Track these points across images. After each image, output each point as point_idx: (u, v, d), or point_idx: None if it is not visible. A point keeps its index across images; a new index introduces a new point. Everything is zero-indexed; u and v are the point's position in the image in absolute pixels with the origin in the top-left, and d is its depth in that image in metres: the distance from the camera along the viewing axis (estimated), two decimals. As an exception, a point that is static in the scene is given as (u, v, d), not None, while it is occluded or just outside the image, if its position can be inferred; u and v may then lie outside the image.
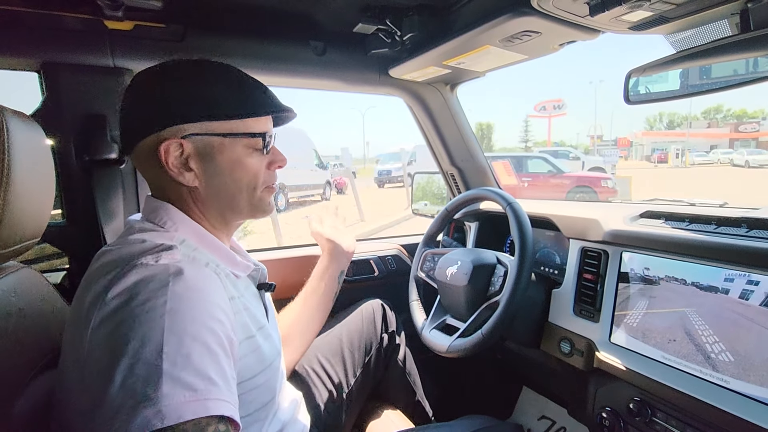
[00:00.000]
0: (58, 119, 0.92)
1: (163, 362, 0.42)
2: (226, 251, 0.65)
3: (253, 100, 0.64)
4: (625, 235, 0.89)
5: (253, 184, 0.65)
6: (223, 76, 0.63)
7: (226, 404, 0.45)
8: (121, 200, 0.98)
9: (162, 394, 0.41)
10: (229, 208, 0.65)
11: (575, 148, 21.96)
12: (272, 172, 0.69)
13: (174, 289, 0.48)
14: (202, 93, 0.61)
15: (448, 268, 1.03)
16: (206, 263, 0.60)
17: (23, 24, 0.87)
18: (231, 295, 0.60)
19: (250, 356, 0.62)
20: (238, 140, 0.62)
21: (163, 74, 0.62)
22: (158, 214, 0.62)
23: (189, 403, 0.42)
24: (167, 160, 0.59)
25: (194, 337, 0.46)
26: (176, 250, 0.55)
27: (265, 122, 0.66)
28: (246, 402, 0.62)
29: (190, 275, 0.51)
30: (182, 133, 0.59)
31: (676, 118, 63.79)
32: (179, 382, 0.42)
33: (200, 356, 0.45)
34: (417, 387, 1.14)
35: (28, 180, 0.60)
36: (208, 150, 0.61)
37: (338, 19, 1.06)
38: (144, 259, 0.51)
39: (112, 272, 0.50)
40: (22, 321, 0.61)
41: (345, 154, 8.85)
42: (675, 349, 0.77)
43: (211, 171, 0.62)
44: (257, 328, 0.65)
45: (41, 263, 1.62)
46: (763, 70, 0.72)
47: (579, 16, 0.78)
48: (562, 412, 1.33)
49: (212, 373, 0.45)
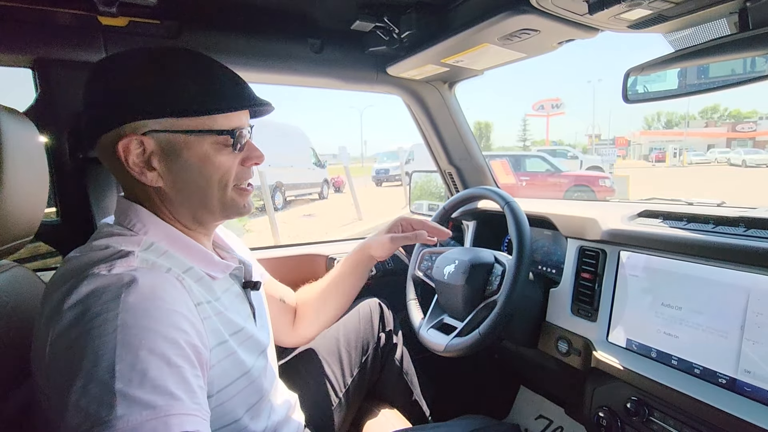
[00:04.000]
0: (51, 116, 0.91)
1: (116, 381, 0.40)
2: (201, 252, 0.62)
3: (223, 94, 0.59)
4: (623, 234, 0.89)
5: (223, 182, 0.61)
6: (190, 66, 0.59)
7: (191, 418, 0.43)
8: (115, 198, 0.97)
9: (116, 415, 0.39)
10: (200, 207, 0.61)
11: (573, 148, 22.00)
12: (247, 169, 0.64)
13: (127, 300, 0.45)
14: (164, 86, 0.56)
15: (446, 267, 1.03)
16: (168, 269, 0.56)
17: (16, 19, 0.86)
18: (198, 301, 0.57)
19: (225, 361, 0.59)
20: (206, 137, 0.58)
21: (124, 64, 0.58)
22: (128, 216, 0.59)
23: (147, 422, 0.40)
24: (127, 158, 0.56)
25: (151, 350, 0.44)
26: (133, 257, 0.53)
27: (238, 117, 0.61)
28: (230, 408, 0.60)
29: (145, 283, 0.48)
30: (143, 130, 0.55)
31: (674, 118, 64.02)
32: (135, 401, 0.40)
33: (158, 370, 0.43)
34: (414, 386, 1.13)
35: (21, 178, 0.59)
36: (172, 148, 0.57)
37: (335, 17, 1.05)
38: (96, 269, 0.49)
39: (68, 282, 0.48)
40: (14, 320, 0.60)
41: (343, 153, 8.77)
42: (673, 348, 0.77)
43: (177, 169, 0.58)
44: (231, 333, 0.62)
45: (35, 262, 1.61)
46: (761, 69, 0.72)
47: (578, 14, 0.78)
48: (559, 412, 1.33)
49: (173, 387, 0.43)
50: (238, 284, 0.70)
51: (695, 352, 0.74)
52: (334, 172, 14.74)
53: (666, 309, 0.79)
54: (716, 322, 0.72)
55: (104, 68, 0.58)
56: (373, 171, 17.17)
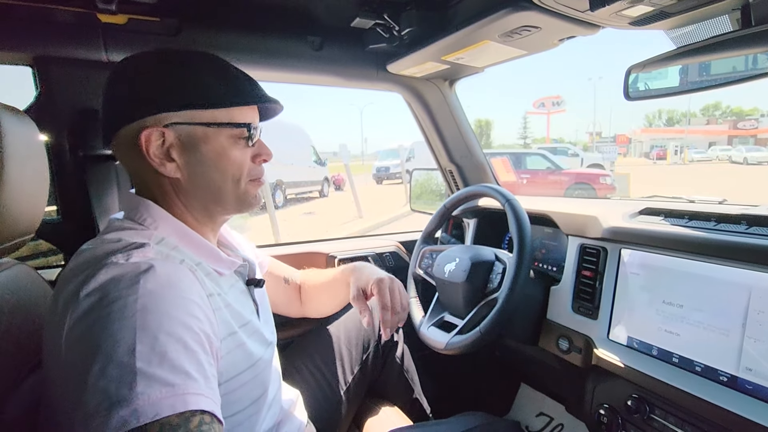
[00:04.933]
0: (51, 114, 0.91)
1: (137, 361, 0.42)
2: (208, 248, 0.63)
3: (238, 90, 0.62)
4: (624, 232, 0.89)
5: (237, 176, 0.63)
6: (208, 64, 0.62)
7: (207, 399, 0.44)
8: (116, 196, 0.97)
9: (136, 392, 0.40)
10: (213, 201, 0.63)
11: (574, 145, 21.94)
12: (258, 166, 0.67)
13: (146, 286, 0.47)
14: (185, 81, 0.59)
15: (447, 265, 1.03)
16: (182, 260, 0.58)
17: (15, 17, 0.86)
18: (210, 293, 0.59)
19: (234, 353, 0.61)
20: (223, 130, 0.61)
21: (147, 61, 0.60)
22: (138, 211, 0.60)
23: (166, 399, 0.41)
24: (148, 149, 0.57)
25: (169, 333, 0.45)
26: (149, 248, 0.54)
27: (251, 113, 0.65)
28: (235, 399, 0.61)
29: (163, 271, 0.50)
30: (164, 122, 0.58)
31: (676, 115, 63.84)
32: (154, 379, 0.41)
33: (176, 352, 0.44)
34: (415, 384, 1.14)
35: (21, 176, 0.59)
36: (191, 140, 0.59)
37: (335, 14, 1.05)
38: (114, 258, 0.50)
39: (84, 272, 0.49)
40: (16, 318, 0.60)
41: (343, 151, 8.75)
42: (674, 345, 0.77)
43: (194, 162, 0.60)
44: (240, 325, 0.64)
45: (37, 260, 1.61)
46: (763, 66, 0.72)
47: (579, 10, 0.78)
48: (560, 409, 1.33)
49: (190, 369, 0.45)
50: (242, 281, 0.72)
51: (696, 349, 0.74)
52: (334, 170, 14.74)
53: (667, 307, 0.79)
54: (717, 320, 0.71)
55: (127, 67, 0.61)
56: (373, 169, 17.17)
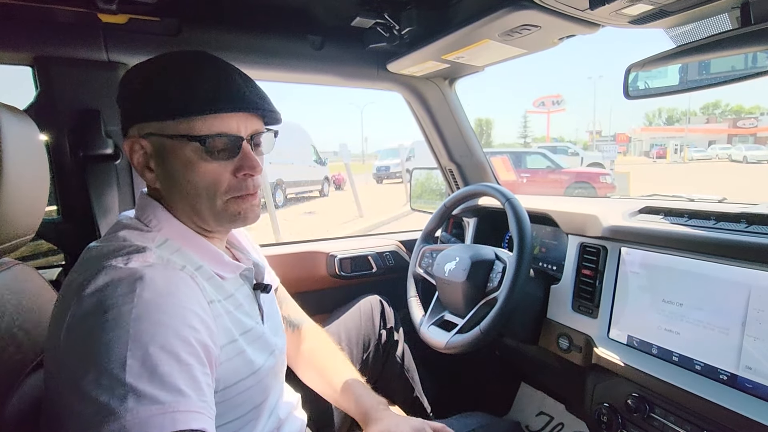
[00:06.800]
0: (52, 114, 0.91)
1: (127, 376, 0.42)
2: (210, 251, 0.62)
3: (202, 98, 0.55)
4: (624, 230, 0.89)
5: (212, 191, 0.58)
6: (182, 68, 0.58)
7: (198, 416, 0.44)
8: (116, 196, 0.97)
9: (126, 408, 0.40)
10: (192, 213, 0.61)
11: (574, 144, 21.92)
12: (241, 181, 0.60)
13: (142, 295, 0.46)
14: (157, 89, 0.57)
15: (447, 264, 1.03)
16: (182, 266, 0.56)
17: (15, 17, 0.86)
18: (210, 299, 0.57)
19: (234, 360, 0.60)
20: (186, 143, 0.56)
21: (137, 69, 0.61)
22: (146, 212, 0.61)
23: (154, 417, 0.41)
24: (132, 158, 0.60)
25: (162, 346, 0.45)
26: (149, 252, 0.53)
27: (224, 122, 0.57)
28: (235, 404, 0.61)
29: (160, 279, 0.49)
30: (142, 132, 0.58)
31: (675, 114, 63.79)
32: (144, 395, 0.41)
33: (168, 366, 0.44)
34: (415, 383, 1.14)
35: (21, 176, 0.59)
36: (162, 151, 0.58)
37: (336, 13, 1.05)
38: (114, 261, 0.50)
39: (87, 271, 0.50)
40: (17, 318, 0.60)
41: (343, 150, 8.74)
42: (674, 344, 0.77)
43: (167, 173, 0.59)
44: (241, 333, 0.62)
45: (37, 260, 1.61)
46: (762, 64, 0.72)
47: (579, 9, 0.78)
48: (560, 408, 1.34)
49: (181, 384, 0.44)
50: (248, 285, 0.70)
51: (696, 348, 0.74)
52: (334, 170, 14.73)
53: (667, 305, 0.79)
54: (717, 319, 0.72)
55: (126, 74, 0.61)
56: (373, 168, 17.18)
